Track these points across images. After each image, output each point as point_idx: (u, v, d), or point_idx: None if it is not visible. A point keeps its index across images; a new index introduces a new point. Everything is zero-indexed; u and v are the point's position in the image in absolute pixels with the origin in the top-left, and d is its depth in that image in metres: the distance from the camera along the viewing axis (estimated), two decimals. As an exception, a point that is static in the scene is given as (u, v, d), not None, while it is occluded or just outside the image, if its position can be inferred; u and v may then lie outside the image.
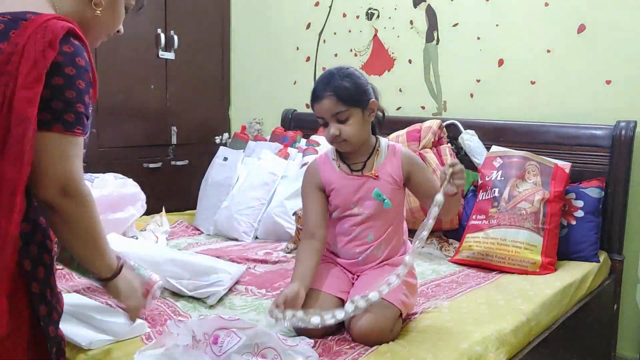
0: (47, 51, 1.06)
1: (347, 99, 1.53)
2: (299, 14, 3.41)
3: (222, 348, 1.24)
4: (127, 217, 2.34)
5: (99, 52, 2.99)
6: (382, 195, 1.57)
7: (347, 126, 1.54)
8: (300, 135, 3.07)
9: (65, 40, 1.09)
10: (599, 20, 2.45)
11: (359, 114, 1.55)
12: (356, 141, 1.57)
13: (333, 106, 1.53)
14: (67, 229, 1.15)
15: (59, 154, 1.10)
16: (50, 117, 1.08)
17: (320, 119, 1.58)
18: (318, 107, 1.56)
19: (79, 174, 1.13)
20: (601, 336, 2.36)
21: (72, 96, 1.10)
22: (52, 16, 1.11)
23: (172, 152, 3.40)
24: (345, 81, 1.54)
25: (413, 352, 1.38)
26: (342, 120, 1.54)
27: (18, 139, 1.04)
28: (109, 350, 1.38)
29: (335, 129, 1.54)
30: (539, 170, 2.30)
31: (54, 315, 1.16)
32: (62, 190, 1.10)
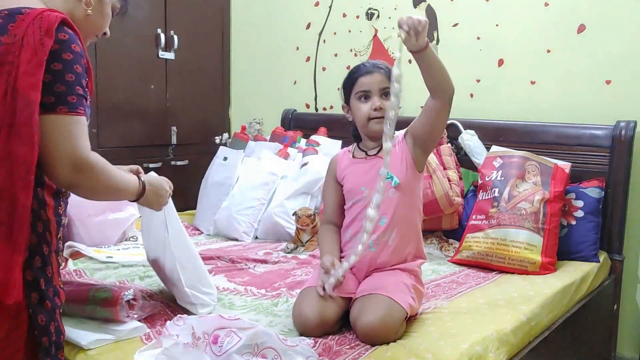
0: (44, 39, 1.13)
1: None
2: (299, 14, 3.41)
3: (222, 348, 1.24)
4: (127, 217, 2.34)
5: (99, 52, 2.99)
6: (389, 173, 1.59)
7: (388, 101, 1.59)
8: (300, 135, 3.07)
9: (59, 29, 1.16)
10: (599, 20, 2.45)
11: None
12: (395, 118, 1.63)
13: (383, 80, 1.65)
14: (93, 195, 1.28)
15: (67, 133, 1.15)
16: (54, 99, 1.14)
17: (362, 93, 1.67)
18: (367, 79, 1.66)
19: (87, 148, 1.18)
20: (601, 336, 2.36)
21: (71, 79, 1.16)
22: (46, 8, 1.18)
23: (172, 152, 3.40)
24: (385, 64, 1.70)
25: (413, 352, 1.38)
26: (386, 96, 1.62)
27: (26, 121, 1.10)
28: (109, 350, 1.38)
29: (379, 101, 1.64)
30: (539, 170, 2.30)
31: (46, 303, 1.18)
32: (74, 167, 1.15)
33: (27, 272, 1.15)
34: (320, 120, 3.17)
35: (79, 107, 1.17)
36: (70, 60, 1.16)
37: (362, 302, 1.51)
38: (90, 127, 3.01)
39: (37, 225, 1.17)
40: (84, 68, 1.20)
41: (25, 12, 1.16)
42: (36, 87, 1.11)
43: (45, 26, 1.13)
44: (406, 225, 1.65)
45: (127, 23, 3.11)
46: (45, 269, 1.18)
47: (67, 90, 1.15)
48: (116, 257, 2.12)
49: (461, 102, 2.82)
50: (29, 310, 1.16)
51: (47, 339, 1.18)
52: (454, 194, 2.43)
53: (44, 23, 1.13)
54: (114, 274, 1.97)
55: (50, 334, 1.19)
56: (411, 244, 1.67)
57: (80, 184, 1.18)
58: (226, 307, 1.70)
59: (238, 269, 2.11)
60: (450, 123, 2.68)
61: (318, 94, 3.39)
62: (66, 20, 1.18)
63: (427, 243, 2.48)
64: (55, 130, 1.14)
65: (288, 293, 1.82)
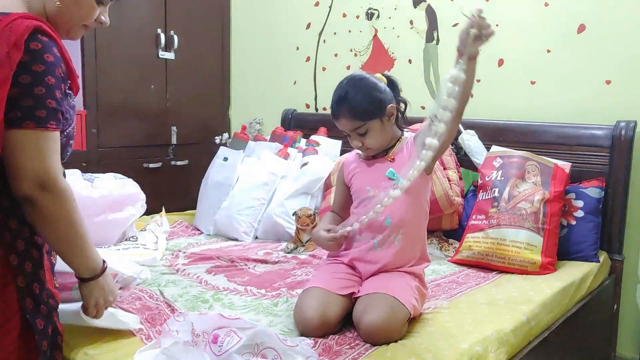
0: (12, 53, 1.06)
1: (362, 114, 1.59)
2: (299, 14, 3.41)
3: (222, 348, 1.24)
4: (127, 217, 2.33)
5: (99, 52, 2.99)
6: (395, 174, 1.60)
7: (368, 137, 1.61)
8: (300, 135, 3.07)
9: (31, 38, 1.09)
10: (599, 20, 2.45)
11: (377, 123, 1.61)
12: (379, 147, 1.66)
13: (350, 123, 1.60)
14: (45, 224, 1.15)
15: (34, 149, 1.10)
16: (20, 114, 1.08)
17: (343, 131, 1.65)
18: (337, 124, 1.64)
19: (56, 168, 1.13)
20: (601, 336, 2.36)
21: (41, 92, 1.10)
22: (18, 15, 1.11)
23: (172, 152, 3.40)
24: (359, 96, 1.58)
25: (413, 352, 1.38)
26: (362, 133, 1.60)
27: None
28: (109, 350, 1.38)
29: (357, 141, 1.63)
30: (539, 170, 2.30)
31: (42, 308, 1.16)
32: (39, 185, 1.10)
33: (19, 279, 1.13)
34: (320, 120, 3.17)
35: (50, 121, 1.11)
36: (40, 72, 1.09)
37: (366, 301, 1.51)
38: (90, 127, 3.05)
39: (23, 231, 1.15)
40: (61, 77, 1.14)
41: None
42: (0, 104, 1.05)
43: (13, 38, 1.06)
44: (412, 226, 1.65)
45: (127, 23, 3.11)
46: (38, 273, 1.17)
47: (35, 104, 1.09)
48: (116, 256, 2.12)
49: (461, 102, 2.84)
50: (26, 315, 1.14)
51: (47, 342, 1.18)
52: (454, 194, 2.43)
53: (12, 35, 1.07)
54: (114, 274, 1.97)
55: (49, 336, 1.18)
56: (417, 247, 1.67)
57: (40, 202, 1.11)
58: (226, 307, 1.70)
59: (238, 269, 2.11)
60: (450, 123, 2.68)
61: (318, 94, 3.39)
62: (40, 28, 1.11)
63: (427, 243, 2.48)
64: (21, 146, 1.09)
65: (288, 293, 1.82)
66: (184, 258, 2.22)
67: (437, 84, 2.94)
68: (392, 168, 1.63)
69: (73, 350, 1.38)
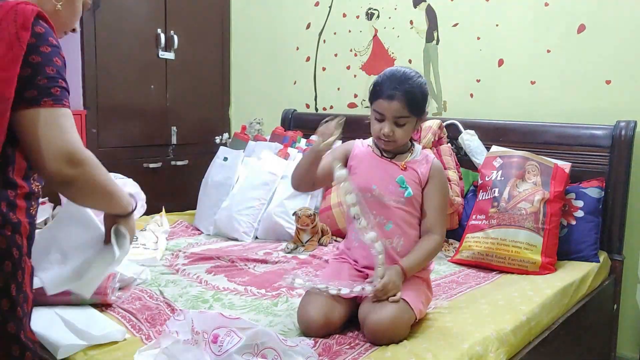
0: (20, 33, 1.09)
1: (414, 107, 1.58)
2: (299, 14, 3.41)
3: (222, 348, 1.24)
4: (127, 217, 2.33)
5: (99, 52, 2.99)
6: (405, 183, 1.60)
7: (402, 130, 1.59)
8: (300, 135, 3.07)
9: (35, 22, 1.12)
10: (599, 20, 2.45)
11: (413, 122, 1.61)
12: (401, 144, 1.64)
13: (399, 109, 1.57)
14: (85, 197, 1.18)
15: (57, 126, 1.10)
16: (37, 93, 1.09)
17: (377, 114, 1.60)
18: (385, 104, 1.58)
19: (79, 142, 1.13)
20: (601, 336, 2.36)
21: (52, 72, 1.12)
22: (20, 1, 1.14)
23: (172, 152, 3.40)
24: (418, 89, 1.58)
25: (413, 352, 1.38)
26: (401, 124, 1.58)
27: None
28: (109, 351, 1.38)
29: (389, 129, 1.58)
30: (539, 170, 2.30)
31: (17, 311, 1.12)
32: (69, 161, 1.10)
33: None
34: (320, 120, 3.14)
35: (64, 99, 1.13)
36: (49, 52, 1.12)
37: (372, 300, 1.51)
38: (90, 127, 3.05)
39: (6, 228, 1.11)
40: (63, 61, 1.16)
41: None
42: (10, 83, 1.06)
43: (21, 20, 1.09)
44: (411, 230, 1.64)
45: (127, 23, 3.11)
46: (16, 274, 1.13)
47: (49, 83, 1.11)
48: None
49: (461, 102, 2.85)
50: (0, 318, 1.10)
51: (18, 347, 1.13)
52: (454, 194, 2.43)
53: (19, 16, 1.09)
54: (114, 274, 1.97)
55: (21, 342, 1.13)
56: None
57: (75, 179, 1.11)
58: (226, 307, 1.70)
59: (238, 269, 2.11)
60: (450, 123, 2.69)
61: (318, 94, 3.39)
62: (41, 14, 1.14)
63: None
64: (42, 124, 1.09)
65: (288, 293, 1.82)
66: (184, 258, 2.22)
67: (437, 83, 2.94)
68: (403, 176, 1.62)
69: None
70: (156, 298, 1.74)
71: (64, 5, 1.26)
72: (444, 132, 2.64)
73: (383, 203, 1.61)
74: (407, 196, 1.60)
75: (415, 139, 2.52)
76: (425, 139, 2.53)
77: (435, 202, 1.63)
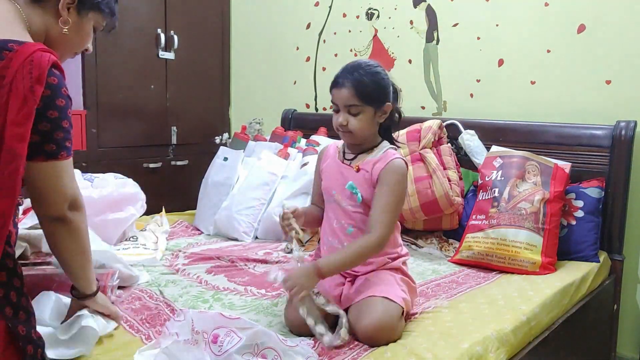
0: (35, 87, 1.12)
1: (364, 95, 1.56)
2: (299, 14, 3.41)
3: (222, 348, 1.24)
4: (127, 217, 2.33)
5: (99, 52, 2.99)
6: (355, 188, 1.59)
7: (356, 120, 1.57)
8: (300, 135, 3.07)
9: (49, 72, 1.15)
10: (599, 20, 2.45)
11: (370, 112, 1.58)
12: (360, 136, 1.60)
13: (349, 98, 1.56)
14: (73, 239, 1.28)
15: (68, 176, 1.23)
16: (55, 147, 1.18)
17: (333, 104, 1.61)
18: (335, 93, 1.59)
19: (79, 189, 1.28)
20: (601, 336, 2.36)
21: (67, 125, 1.20)
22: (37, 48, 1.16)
23: (172, 152, 3.40)
24: (368, 77, 1.56)
25: (413, 352, 1.38)
26: (353, 113, 1.57)
27: (11, 175, 1.10)
28: (109, 351, 1.38)
29: (343, 118, 1.58)
30: (539, 170, 2.30)
31: (20, 315, 1.17)
32: (71, 205, 1.23)
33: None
34: (320, 120, 3.17)
35: (71, 148, 1.23)
36: (63, 106, 1.18)
37: (357, 308, 1.51)
38: (90, 127, 3.05)
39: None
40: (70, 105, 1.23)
41: (13, 49, 1.12)
42: (23, 139, 1.10)
43: (37, 73, 1.12)
44: None
45: (127, 23, 3.11)
46: (13, 281, 1.17)
47: (65, 136, 1.20)
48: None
49: (461, 102, 2.85)
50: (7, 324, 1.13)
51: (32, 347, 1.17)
52: (454, 194, 2.43)
53: (35, 69, 1.12)
54: (114, 274, 1.97)
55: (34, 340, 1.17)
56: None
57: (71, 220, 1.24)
58: (226, 307, 1.70)
59: (238, 269, 2.11)
60: (450, 123, 2.69)
61: (318, 94, 3.39)
62: (56, 62, 1.18)
63: (427, 243, 2.49)
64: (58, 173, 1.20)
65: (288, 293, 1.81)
66: (184, 258, 2.22)
67: (437, 83, 2.94)
68: (354, 180, 1.60)
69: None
70: (156, 298, 1.74)
71: (70, 29, 1.30)
72: (444, 132, 2.64)
73: (342, 207, 1.62)
74: (359, 201, 1.59)
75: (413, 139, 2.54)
76: (425, 139, 2.54)
77: (382, 201, 1.54)
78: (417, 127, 2.60)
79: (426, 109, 2.96)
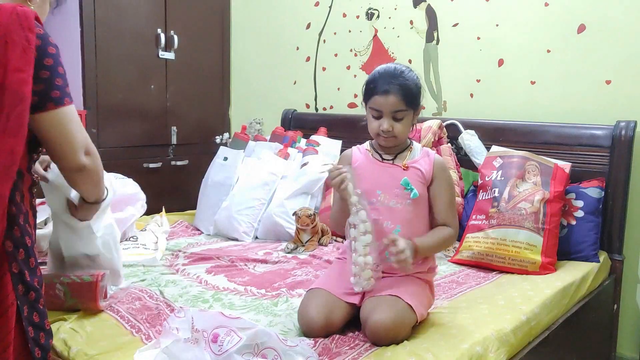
0: (29, 36, 1.15)
1: (410, 100, 1.57)
2: (299, 14, 3.41)
3: (222, 347, 1.24)
4: (127, 217, 2.33)
5: (99, 52, 2.99)
6: (410, 185, 1.59)
7: (400, 124, 1.58)
8: (300, 135, 3.07)
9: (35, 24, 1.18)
10: (599, 20, 2.45)
11: (410, 116, 1.60)
12: (402, 139, 1.63)
13: (396, 103, 1.56)
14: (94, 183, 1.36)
15: (76, 122, 1.24)
16: (59, 93, 1.20)
17: (374, 111, 1.60)
18: (380, 100, 1.57)
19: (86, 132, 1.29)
20: (601, 336, 2.36)
21: (62, 71, 1.22)
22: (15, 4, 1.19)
23: (172, 152, 3.40)
24: (412, 82, 1.59)
25: (413, 352, 1.38)
26: (399, 118, 1.58)
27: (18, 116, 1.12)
28: (109, 351, 1.38)
29: (389, 124, 1.58)
30: (539, 170, 2.30)
31: (30, 294, 1.18)
32: (86, 152, 1.26)
33: (13, 265, 1.15)
34: (320, 120, 3.17)
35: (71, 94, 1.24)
36: (55, 53, 1.20)
37: (375, 301, 1.51)
38: (90, 127, 3.05)
39: (19, 218, 1.17)
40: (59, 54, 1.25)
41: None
42: (27, 83, 1.13)
43: (26, 24, 1.15)
44: (420, 230, 1.63)
45: (127, 23, 3.11)
46: (29, 261, 1.19)
47: (64, 82, 1.21)
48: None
49: (461, 102, 2.85)
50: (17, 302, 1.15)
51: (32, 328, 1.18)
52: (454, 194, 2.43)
53: (23, 20, 1.15)
54: (114, 274, 1.97)
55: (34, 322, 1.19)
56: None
57: (89, 167, 1.27)
58: (226, 307, 1.70)
59: (238, 269, 2.11)
60: (450, 123, 2.69)
61: (318, 94, 3.39)
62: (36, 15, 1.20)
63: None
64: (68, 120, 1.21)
65: (288, 293, 1.82)
66: (184, 258, 2.22)
67: (437, 83, 2.94)
68: (407, 177, 1.60)
69: (72, 350, 1.38)
70: (156, 298, 1.74)
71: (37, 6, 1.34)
72: (444, 132, 2.64)
73: (389, 207, 1.60)
74: (414, 197, 1.59)
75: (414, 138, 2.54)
76: (425, 139, 2.54)
77: (445, 197, 1.63)
78: (417, 127, 2.60)
79: (426, 109, 2.96)
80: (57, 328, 1.46)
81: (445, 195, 1.63)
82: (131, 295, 1.73)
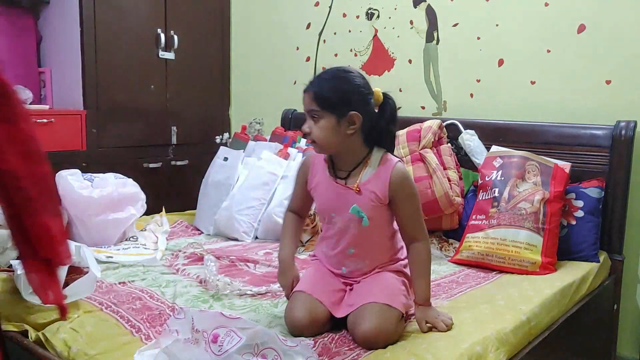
0: None
1: (322, 101, 1.49)
2: (299, 14, 3.41)
3: (222, 347, 1.24)
4: (127, 217, 2.34)
5: (99, 52, 2.99)
6: (361, 212, 1.52)
7: (317, 127, 1.51)
8: (300, 135, 3.06)
9: None
10: (599, 20, 2.45)
11: (331, 120, 1.49)
12: (323, 145, 1.53)
13: (309, 103, 1.52)
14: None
15: None
16: None
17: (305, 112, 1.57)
18: (303, 98, 1.55)
19: None
20: (601, 336, 2.36)
21: None
22: None
23: (172, 152, 3.40)
24: (331, 83, 1.51)
25: (413, 352, 1.38)
26: (315, 120, 1.52)
27: None
28: (109, 351, 1.38)
29: (307, 125, 1.54)
30: (539, 170, 2.30)
31: None
32: None
33: None
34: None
35: None
36: None
37: (356, 312, 1.50)
38: (90, 127, 3.06)
39: None
40: None
41: None
42: None
43: None
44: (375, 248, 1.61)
45: (127, 23, 3.11)
46: None
47: None
48: (116, 257, 2.12)
49: (461, 102, 2.85)
50: None
51: None
52: (454, 194, 2.43)
53: None
54: (113, 274, 1.97)
55: None
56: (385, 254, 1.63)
57: None
58: (226, 307, 1.70)
59: (238, 269, 2.11)
60: (450, 123, 2.69)
61: (318, 94, 3.38)
62: None
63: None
64: None
65: (288, 293, 1.81)
66: (184, 258, 2.22)
67: (437, 83, 2.94)
68: (358, 203, 1.52)
69: (73, 350, 1.38)
70: (156, 298, 1.74)
71: None
72: (444, 132, 2.64)
73: (343, 229, 1.58)
74: (365, 225, 1.53)
75: (414, 139, 2.54)
76: (425, 139, 2.54)
77: (408, 211, 1.54)
78: (417, 127, 2.60)
79: (426, 109, 2.97)
80: (57, 328, 1.47)
81: (407, 209, 1.54)
82: (131, 295, 1.73)
